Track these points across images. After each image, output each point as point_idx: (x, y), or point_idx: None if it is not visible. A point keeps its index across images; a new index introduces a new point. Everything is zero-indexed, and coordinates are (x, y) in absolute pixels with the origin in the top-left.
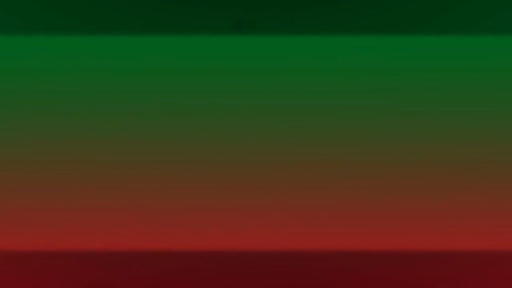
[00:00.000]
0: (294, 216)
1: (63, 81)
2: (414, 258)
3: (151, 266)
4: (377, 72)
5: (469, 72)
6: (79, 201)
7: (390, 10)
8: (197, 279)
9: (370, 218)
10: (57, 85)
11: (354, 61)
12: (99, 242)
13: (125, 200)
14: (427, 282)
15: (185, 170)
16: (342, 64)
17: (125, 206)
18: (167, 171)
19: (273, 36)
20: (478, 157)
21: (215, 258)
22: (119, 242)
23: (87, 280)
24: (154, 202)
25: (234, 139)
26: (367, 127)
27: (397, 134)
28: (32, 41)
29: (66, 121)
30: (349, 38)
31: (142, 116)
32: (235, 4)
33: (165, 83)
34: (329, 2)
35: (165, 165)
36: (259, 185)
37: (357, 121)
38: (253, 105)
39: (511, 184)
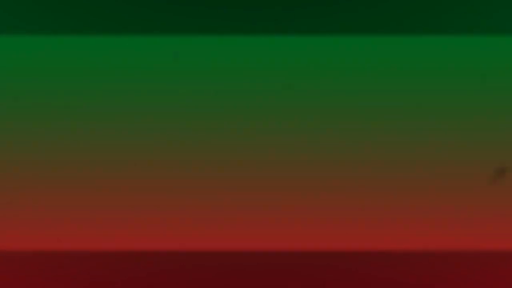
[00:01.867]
0: (294, 215)
1: (63, 81)
2: (413, 258)
3: (151, 266)
4: (377, 72)
5: (469, 72)
6: (79, 201)
7: (390, 10)
8: (197, 279)
9: (370, 218)
10: (57, 85)
11: (354, 61)
12: (99, 242)
13: (125, 200)
14: (426, 281)
15: (185, 170)
16: (342, 64)
17: (125, 206)
18: (167, 171)
19: (273, 36)
20: (478, 157)
21: (215, 258)
22: (119, 242)
23: (88, 279)
24: (154, 202)
25: (234, 139)
26: (366, 127)
27: (397, 134)
28: (32, 41)
29: (66, 121)
30: (349, 38)
31: (142, 116)
32: (235, 4)
33: (165, 83)
34: (329, 2)
35: (164, 165)
36: (258, 185)
37: (356, 121)
38: (253, 104)
39: (511, 184)
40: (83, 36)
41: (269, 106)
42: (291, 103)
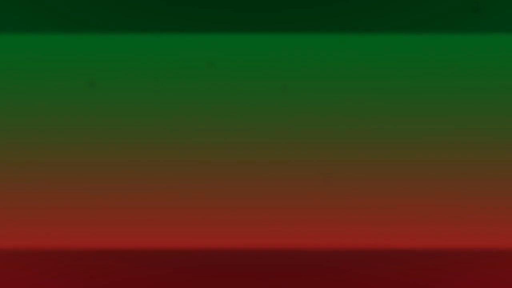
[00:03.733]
0: (293, 216)
1: (62, 80)
2: (412, 258)
3: (151, 266)
4: (377, 72)
5: (468, 71)
6: (79, 201)
7: (390, 9)
8: (197, 279)
9: (369, 218)
10: (57, 85)
11: (354, 61)
12: (99, 241)
13: (125, 200)
14: (425, 281)
15: (184, 170)
16: (342, 63)
17: (124, 206)
18: (166, 171)
19: (273, 36)
20: (477, 157)
21: (215, 257)
22: (119, 241)
23: (87, 279)
24: (154, 202)
25: (234, 140)
26: (366, 127)
27: (396, 134)
28: (31, 40)
29: (66, 121)
30: (349, 37)
31: (142, 116)
32: (235, 4)
33: (165, 83)
34: (329, 2)
35: (164, 165)
36: (258, 185)
37: (356, 121)
38: (253, 105)
39: (511, 184)
40: (83, 35)
41: (268, 105)
42: (289, 102)
